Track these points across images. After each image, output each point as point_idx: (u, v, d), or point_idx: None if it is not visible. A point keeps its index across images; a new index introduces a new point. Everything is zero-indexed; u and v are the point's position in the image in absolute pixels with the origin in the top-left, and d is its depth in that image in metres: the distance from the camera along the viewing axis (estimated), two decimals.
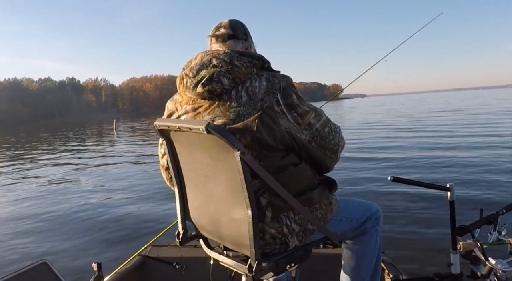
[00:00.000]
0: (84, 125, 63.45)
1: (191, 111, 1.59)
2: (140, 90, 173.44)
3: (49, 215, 7.03)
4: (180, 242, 1.80)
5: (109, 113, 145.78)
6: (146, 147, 19.68)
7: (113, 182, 10.01)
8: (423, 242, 4.54)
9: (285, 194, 1.48)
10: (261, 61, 1.57)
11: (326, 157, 1.63)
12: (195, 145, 1.57)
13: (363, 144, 13.97)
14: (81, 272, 3.98)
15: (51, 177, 11.75)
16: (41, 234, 5.96)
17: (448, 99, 79.49)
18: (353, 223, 1.82)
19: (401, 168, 9.17)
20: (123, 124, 52.83)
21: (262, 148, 1.46)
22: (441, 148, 11.89)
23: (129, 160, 14.81)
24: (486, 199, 6.06)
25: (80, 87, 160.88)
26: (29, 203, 8.17)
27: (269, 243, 1.55)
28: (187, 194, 1.78)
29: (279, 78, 1.53)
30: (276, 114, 1.47)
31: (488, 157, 9.69)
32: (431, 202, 5.93)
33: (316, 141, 1.57)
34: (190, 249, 2.88)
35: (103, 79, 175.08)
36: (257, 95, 1.48)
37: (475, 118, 23.23)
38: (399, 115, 31.58)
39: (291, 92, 1.53)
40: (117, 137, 29.83)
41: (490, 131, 15.56)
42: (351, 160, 10.28)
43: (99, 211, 7.12)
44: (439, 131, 17.09)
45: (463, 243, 1.91)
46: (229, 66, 1.51)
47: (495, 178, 7.46)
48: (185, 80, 1.60)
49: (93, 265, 2.54)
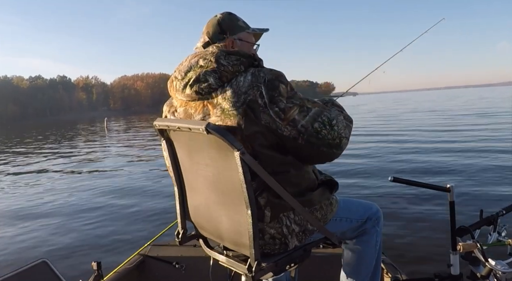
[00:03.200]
0: (75, 124, 63.07)
1: (183, 113, 1.63)
2: (132, 88, 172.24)
3: (48, 215, 7.05)
4: (179, 241, 1.82)
5: (100, 111, 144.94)
6: (140, 146, 19.56)
7: (111, 183, 9.98)
8: (423, 242, 4.56)
9: (285, 195, 1.49)
10: (250, 59, 1.56)
11: (322, 154, 1.55)
12: (195, 145, 1.59)
13: (363, 144, 13.99)
14: (81, 271, 3.99)
15: (49, 176, 11.75)
16: (41, 233, 5.96)
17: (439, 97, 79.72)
18: (353, 223, 1.84)
19: (401, 168, 9.19)
20: (115, 123, 52.53)
21: (255, 146, 1.48)
22: (441, 148, 11.88)
23: (125, 159, 14.72)
24: (486, 200, 6.10)
25: (71, 85, 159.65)
26: (29, 203, 8.15)
27: (269, 243, 1.57)
28: (187, 194, 1.79)
29: (265, 72, 1.50)
30: (259, 107, 1.45)
31: (488, 158, 9.72)
32: (431, 203, 5.96)
33: (304, 138, 1.49)
34: (190, 249, 2.90)
35: (94, 77, 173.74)
36: (240, 88, 1.47)
37: (475, 117, 23.26)
38: (392, 115, 31.62)
39: (278, 84, 1.48)
40: (108, 136, 29.66)
41: (490, 131, 15.59)
42: (351, 160, 10.27)
43: (98, 210, 7.13)
44: (436, 131, 17.09)
45: (463, 244, 1.92)
46: (215, 65, 1.53)
47: (495, 179, 7.49)
48: (174, 82, 1.64)
49: (93, 264, 2.56)
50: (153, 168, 11.84)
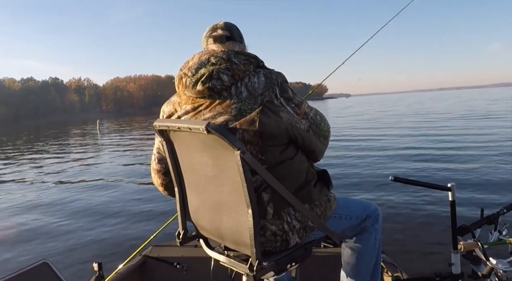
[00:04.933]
0: (67, 126, 62.82)
1: (191, 111, 1.62)
2: (124, 90, 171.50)
3: (49, 215, 7.05)
4: (180, 242, 1.82)
5: (92, 113, 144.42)
6: (134, 147, 19.59)
7: (110, 182, 9.98)
8: (423, 242, 4.58)
9: (285, 193, 1.51)
10: (256, 60, 1.62)
11: (320, 144, 1.70)
12: (195, 145, 1.59)
13: (363, 144, 14.04)
14: (82, 272, 4.01)
15: (48, 176, 11.77)
16: (41, 234, 5.96)
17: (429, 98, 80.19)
18: (353, 221, 1.87)
19: (401, 168, 9.23)
20: (107, 125, 52.40)
21: (265, 142, 1.50)
22: (441, 148, 11.92)
23: (122, 161, 14.68)
24: (487, 199, 6.12)
25: (63, 87, 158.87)
26: (29, 203, 8.17)
27: (270, 241, 1.58)
28: (187, 194, 1.79)
29: (275, 74, 1.60)
30: (276, 107, 1.54)
31: (489, 157, 9.76)
32: (431, 202, 5.99)
33: (313, 129, 1.65)
34: (191, 249, 2.90)
35: (86, 78, 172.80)
36: (256, 90, 1.53)
37: (474, 117, 23.37)
38: (391, 115, 31.74)
39: (287, 87, 1.61)
40: (101, 138, 29.58)
41: (490, 130, 15.65)
42: (351, 160, 10.31)
43: (98, 210, 7.14)
44: (437, 131, 17.15)
45: (464, 243, 1.94)
46: (227, 63, 1.56)
47: (496, 178, 7.53)
48: (184, 79, 1.63)
49: (94, 265, 2.57)
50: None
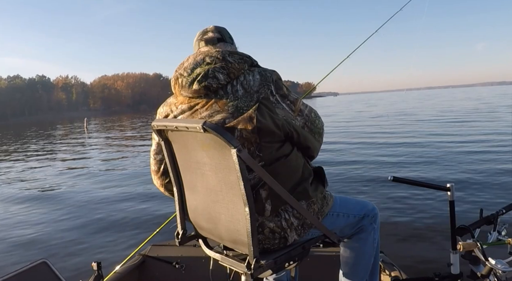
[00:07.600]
0: (55, 124, 62.39)
1: (188, 110, 1.64)
2: (112, 88, 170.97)
3: (48, 215, 7.03)
4: (179, 242, 1.82)
5: (80, 111, 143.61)
6: (123, 146, 19.42)
7: (109, 182, 9.95)
8: (422, 242, 4.60)
9: (281, 190, 1.52)
10: (250, 59, 1.66)
11: (315, 141, 1.73)
12: (192, 144, 1.60)
13: (362, 143, 14.09)
14: (81, 271, 4.00)
15: (48, 177, 11.70)
16: (40, 233, 5.94)
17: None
18: (351, 219, 1.87)
19: (401, 168, 9.25)
20: (95, 123, 52.13)
21: (262, 138, 1.52)
22: (441, 148, 11.94)
23: (114, 160, 14.61)
24: (486, 199, 6.15)
25: (50, 85, 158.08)
26: (28, 203, 8.14)
27: (269, 238, 1.59)
28: (186, 194, 1.79)
29: (270, 72, 1.63)
30: (272, 104, 1.57)
31: (488, 157, 9.79)
32: (431, 202, 6.01)
33: (308, 126, 1.69)
34: (190, 249, 2.91)
35: (74, 76, 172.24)
36: (252, 87, 1.56)
37: (473, 117, 23.54)
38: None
39: (282, 84, 1.64)
40: (88, 137, 29.40)
41: (490, 130, 15.68)
42: (351, 160, 10.28)
43: (98, 210, 7.13)
44: (435, 130, 17.24)
45: (463, 243, 1.94)
46: (222, 62, 1.58)
47: (495, 178, 7.55)
48: (180, 79, 1.65)
49: (93, 264, 2.56)
50: (148, 168, 11.71)
